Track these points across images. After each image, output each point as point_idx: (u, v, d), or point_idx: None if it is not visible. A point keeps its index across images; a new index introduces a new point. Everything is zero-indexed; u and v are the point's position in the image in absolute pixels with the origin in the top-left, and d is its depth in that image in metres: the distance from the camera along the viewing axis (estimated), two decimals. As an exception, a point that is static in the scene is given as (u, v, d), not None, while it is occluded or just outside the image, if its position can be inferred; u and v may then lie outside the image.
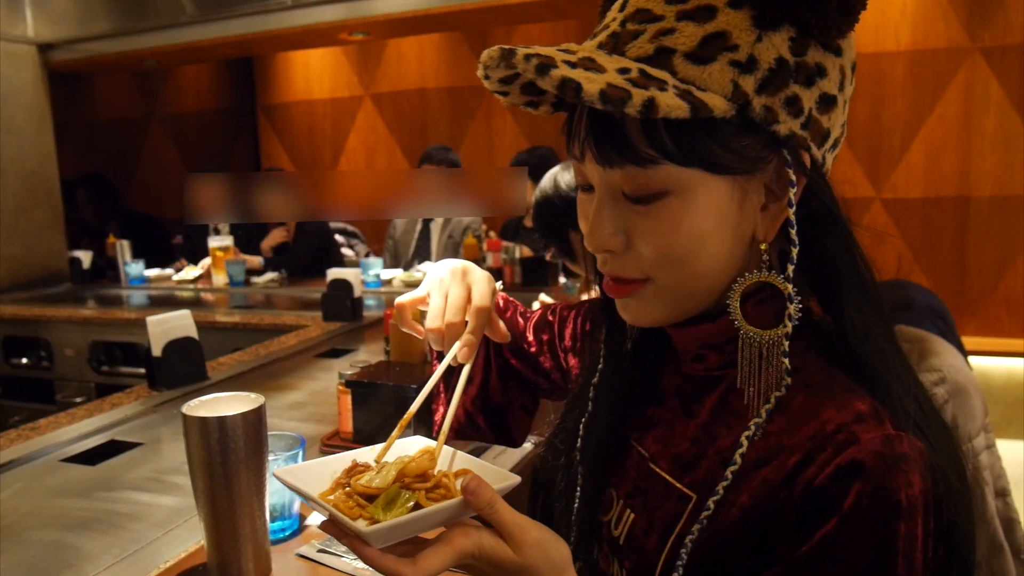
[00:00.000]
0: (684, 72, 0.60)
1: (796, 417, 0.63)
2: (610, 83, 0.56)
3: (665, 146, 0.60)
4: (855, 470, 0.58)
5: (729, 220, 0.64)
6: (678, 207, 0.63)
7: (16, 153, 4.15)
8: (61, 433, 1.69)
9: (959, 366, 1.37)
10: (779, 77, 0.60)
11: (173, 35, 4.08)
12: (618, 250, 0.67)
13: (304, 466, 0.75)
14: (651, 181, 0.62)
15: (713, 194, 0.63)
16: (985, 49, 4.01)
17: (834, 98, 0.64)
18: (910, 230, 4.27)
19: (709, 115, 0.58)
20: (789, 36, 0.60)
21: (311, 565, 1.09)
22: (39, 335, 3.36)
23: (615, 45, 0.63)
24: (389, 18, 3.67)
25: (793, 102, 0.61)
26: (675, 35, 0.60)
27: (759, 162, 0.63)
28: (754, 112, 0.60)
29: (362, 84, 5.80)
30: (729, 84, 0.59)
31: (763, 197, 0.65)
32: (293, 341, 2.57)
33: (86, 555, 1.16)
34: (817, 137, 0.64)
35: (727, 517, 0.64)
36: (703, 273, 0.66)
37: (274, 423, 1.70)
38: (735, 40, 0.60)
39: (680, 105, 0.56)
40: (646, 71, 0.59)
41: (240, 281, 4.06)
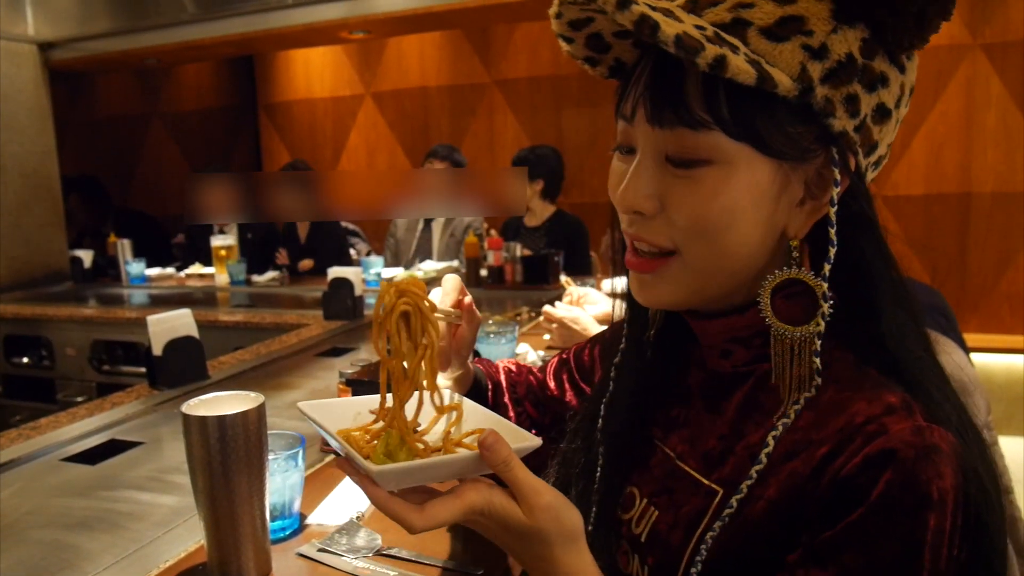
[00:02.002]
0: (756, 45, 0.60)
1: (825, 412, 0.63)
2: (686, 32, 0.56)
3: (721, 113, 0.60)
4: (885, 460, 0.57)
5: (765, 205, 0.64)
6: (719, 178, 0.63)
7: (17, 152, 4.16)
8: (62, 432, 1.69)
9: (962, 363, 1.36)
10: (846, 72, 0.60)
11: (174, 33, 4.08)
12: (650, 213, 0.66)
13: (329, 403, 0.76)
14: (698, 146, 0.62)
15: (756, 174, 0.63)
16: (986, 45, 4.00)
17: (889, 112, 0.64)
18: (911, 227, 4.26)
19: (773, 88, 0.58)
20: (862, 36, 0.61)
21: (311, 564, 1.09)
22: (40, 334, 3.36)
23: (693, 8, 0.63)
24: (390, 16, 3.67)
25: (852, 101, 0.61)
26: (754, 9, 0.61)
27: (807, 153, 0.63)
28: (815, 99, 0.60)
29: (363, 82, 5.80)
30: (798, 65, 0.60)
31: (801, 192, 0.65)
32: (294, 340, 2.57)
33: (86, 554, 1.16)
34: (866, 145, 0.64)
35: (752, 510, 0.63)
36: (730, 253, 0.65)
37: (274, 422, 1.70)
38: (811, 26, 0.60)
39: (748, 70, 0.57)
40: (720, 34, 0.59)
41: (241, 280, 4.06)
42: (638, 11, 0.56)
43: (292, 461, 1.14)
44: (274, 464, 1.10)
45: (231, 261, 4.13)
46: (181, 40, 4.08)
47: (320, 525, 1.20)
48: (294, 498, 1.17)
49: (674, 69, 0.61)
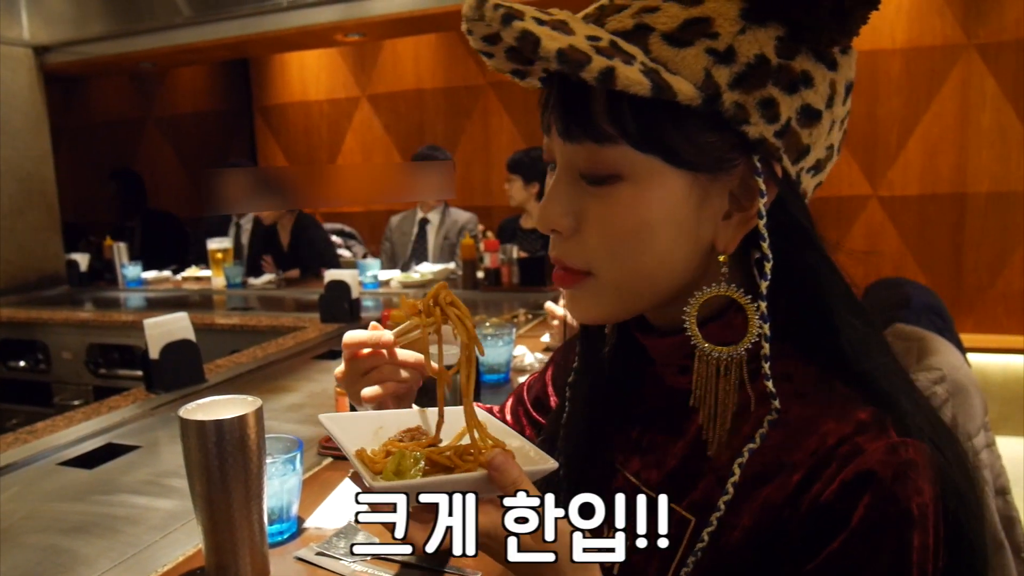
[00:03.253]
0: (658, 52, 0.57)
1: (794, 430, 0.60)
2: (573, 45, 0.54)
3: (626, 125, 0.58)
4: (862, 483, 0.55)
5: (684, 220, 0.61)
6: (629, 194, 0.60)
7: (12, 156, 4.15)
8: (58, 436, 1.69)
9: (958, 364, 1.37)
10: (757, 75, 0.57)
11: (169, 37, 4.07)
12: (566, 232, 0.64)
13: (351, 416, 0.75)
14: (607, 161, 0.60)
15: (668, 187, 0.60)
16: (981, 46, 4.01)
17: (819, 113, 0.60)
18: (907, 227, 4.27)
19: (673, 98, 0.55)
20: (777, 35, 0.57)
21: (309, 568, 1.09)
22: (36, 338, 3.35)
23: (598, 17, 0.61)
24: (385, 19, 3.67)
25: (769, 105, 0.58)
26: (657, 13, 0.58)
27: (724, 163, 0.60)
28: (723, 106, 0.57)
29: (358, 85, 5.80)
30: (702, 71, 0.57)
31: (726, 204, 0.62)
32: (291, 343, 2.57)
33: (83, 559, 1.15)
34: (793, 150, 0.60)
35: (729, 539, 0.61)
36: (648, 272, 0.63)
37: (272, 425, 1.70)
38: (717, 28, 0.57)
39: (641, 81, 0.54)
40: (617, 43, 0.57)
41: (237, 283, 4.06)
42: (519, 27, 0.54)
43: (290, 465, 1.14)
44: (272, 468, 1.10)
45: (227, 264, 4.12)
46: (176, 43, 4.07)
47: (318, 529, 1.20)
48: (292, 502, 1.17)
49: (581, 81, 0.57)
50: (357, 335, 0.83)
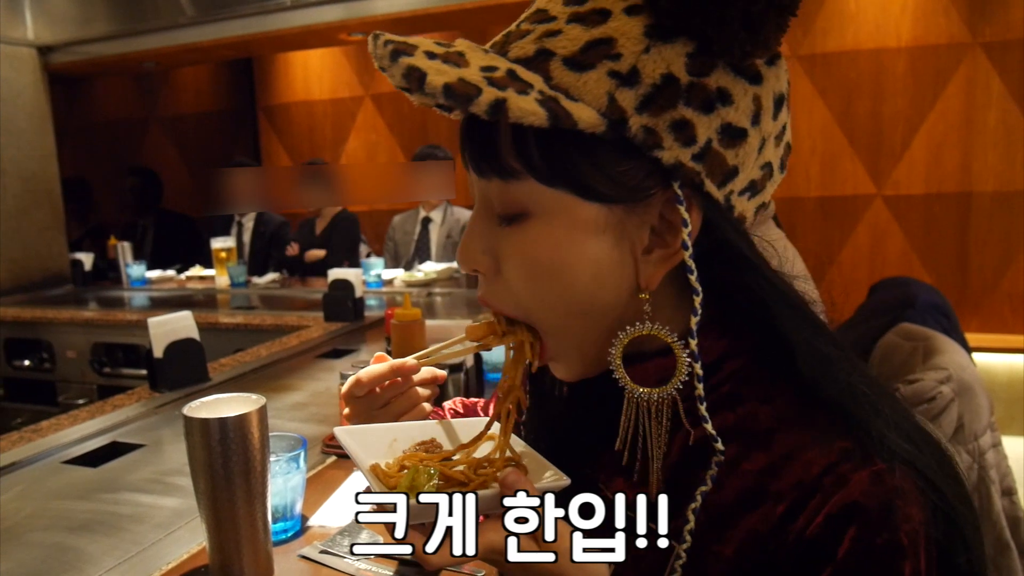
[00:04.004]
0: (559, 78, 0.54)
1: (777, 456, 0.58)
2: (462, 78, 0.51)
3: (532, 159, 0.55)
4: (848, 515, 0.53)
5: (603, 257, 0.58)
6: (540, 232, 0.58)
7: (16, 155, 4.16)
8: (63, 435, 1.69)
9: (965, 364, 1.36)
10: (665, 96, 0.53)
11: (172, 36, 4.08)
12: (487, 272, 0.62)
13: (365, 429, 0.74)
14: (515, 198, 0.58)
15: (580, 223, 0.57)
16: (986, 44, 4.00)
17: (743, 131, 0.56)
18: (912, 227, 4.26)
19: (573, 126, 0.52)
20: (686, 52, 0.53)
21: (313, 566, 1.09)
22: (41, 337, 3.36)
23: (503, 44, 0.58)
24: (388, 18, 3.67)
25: (682, 127, 0.54)
26: (559, 37, 0.55)
27: (639, 193, 0.56)
28: (631, 132, 0.53)
29: (362, 84, 5.80)
30: (605, 96, 0.53)
31: (646, 239, 0.58)
32: (294, 342, 2.57)
33: (88, 557, 1.16)
34: (717, 173, 0.56)
35: (712, 570, 0.58)
36: (580, 312, 0.60)
37: (276, 424, 1.70)
38: (619, 48, 0.53)
39: (536, 112, 0.51)
40: (516, 72, 0.54)
41: (241, 282, 4.06)
42: (405, 63, 0.52)
43: (294, 463, 1.14)
44: (276, 466, 1.10)
45: (231, 263, 4.13)
46: (179, 43, 4.08)
47: (322, 527, 1.20)
48: (296, 500, 1.17)
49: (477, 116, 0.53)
50: (375, 370, 0.81)
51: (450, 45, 0.57)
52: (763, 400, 0.60)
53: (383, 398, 0.83)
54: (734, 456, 0.59)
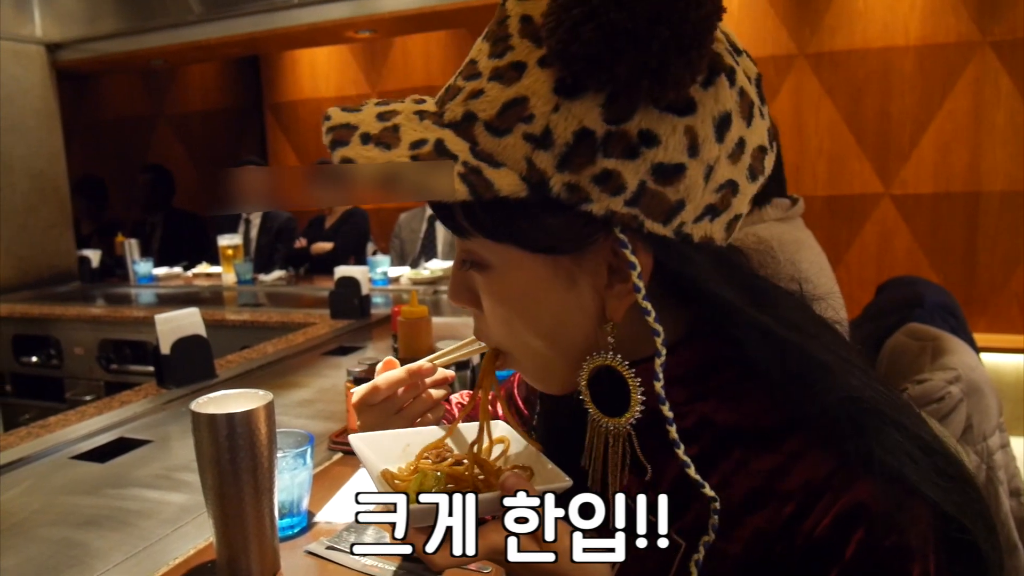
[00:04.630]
0: (484, 144, 0.55)
1: (786, 456, 0.58)
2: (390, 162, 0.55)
3: (479, 219, 0.58)
4: (855, 516, 0.53)
5: (562, 300, 0.60)
6: (501, 281, 0.61)
7: (25, 153, 4.17)
8: (71, 431, 1.70)
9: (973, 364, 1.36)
10: (582, 152, 0.52)
11: (180, 34, 4.09)
12: (473, 308, 0.66)
13: (379, 435, 0.76)
14: (473, 250, 0.61)
15: (532, 273, 0.59)
16: (995, 43, 3.98)
17: (679, 167, 0.53)
18: (920, 226, 4.24)
19: (495, 196, 0.52)
20: (598, 103, 0.52)
21: (320, 562, 1.09)
22: (49, 333, 3.37)
23: (442, 102, 0.60)
24: (395, 15, 3.67)
25: (607, 178, 0.53)
26: (481, 98, 0.55)
27: (581, 241, 0.57)
28: (553, 191, 0.53)
29: (368, 82, 5.80)
30: (523, 161, 0.53)
31: (605, 277, 0.59)
32: (301, 339, 2.57)
33: (95, 552, 1.16)
34: (658, 212, 0.54)
35: (718, 569, 0.59)
36: (552, 346, 0.63)
37: (282, 420, 1.70)
38: (531, 109, 0.53)
39: (459, 188, 0.52)
40: (444, 144, 0.55)
41: (248, 279, 4.07)
42: (340, 154, 0.56)
43: (300, 459, 1.14)
44: (283, 462, 1.10)
45: (238, 260, 4.14)
46: (187, 40, 4.09)
47: (328, 523, 1.20)
48: (302, 496, 1.17)
49: None
50: (392, 376, 0.82)
51: (394, 113, 0.58)
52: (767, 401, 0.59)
53: (398, 403, 0.83)
54: (742, 456, 0.59)
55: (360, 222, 4.88)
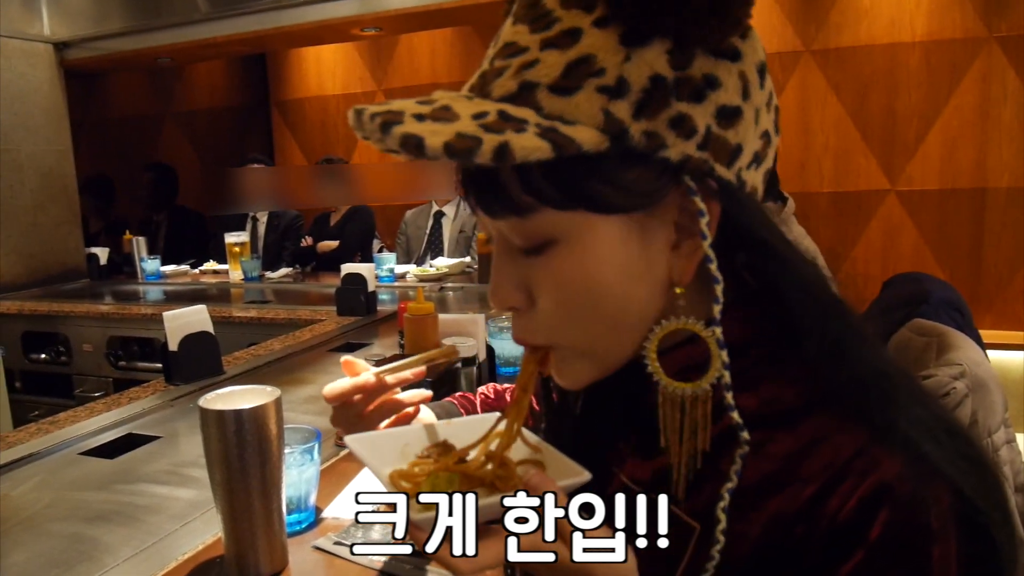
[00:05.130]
0: (550, 107, 0.54)
1: (805, 439, 0.58)
2: (459, 132, 0.51)
3: (542, 190, 0.55)
4: (879, 497, 0.53)
5: (631, 264, 0.59)
6: (569, 255, 0.58)
7: (33, 151, 4.19)
8: (80, 427, 1.71)
9: (979, 360, 1.35)
10: (657, 97, 0.54)
11: (187, 32, 4.10)
12: (522, 307, 0.62)
13: (376, 436, 0.74)
14: (536, 230, 0.58)
15: (605, 238, 0.57)
16: (1002, 39, 3.96)
17: (737, 109, 0.57)
18: (926, 222, 4.23)
19: (578, 151, 0.52)
20: (666, 49, 0.54)
21: (327, 557, 1.10)
22: (57, 330, 3.39)
23: (482, 86, 0.58)
24: (401, 13, 3.68)
25: (681, 121, 0.54)
26: (538, 67, 0.55)
27: (654, 195, 0.57)
28: (633, 140, 0.54)
29: (375, 79, 5.81)
30: (600, 113, 0.53)
31: (673, 235, 0.59)
32: (308, 335, 2.58)
33: (105, 547, 1.17)
34: (723, 155, 0.57)
35: (737, 551, 0.58)
36: (613, 324, 0.60)
37: (290, 416, 1.71)
38: (601, 63, 0.54)
39: (540, 146, 0.51)
40: (506, 112, 0.54)
41: (255, 276, 4.09)
42: (399, 132, 0.51)
43: (308, 455, 1.15)
44: (290, 458, 1.11)
45: (244, 257, 4.15)
46: (194, 38, 4.10)
47: (336, 518, 1.21)
48: (310, 491, 1.18)
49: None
50: (337, 387, 0.84)
51: (432, 100, 0.56)
52: (788, 383, 0.60)
53: (356, 409, 0.85)
54: (759, 439, 0.59)
55: (366, 219, 4.89)
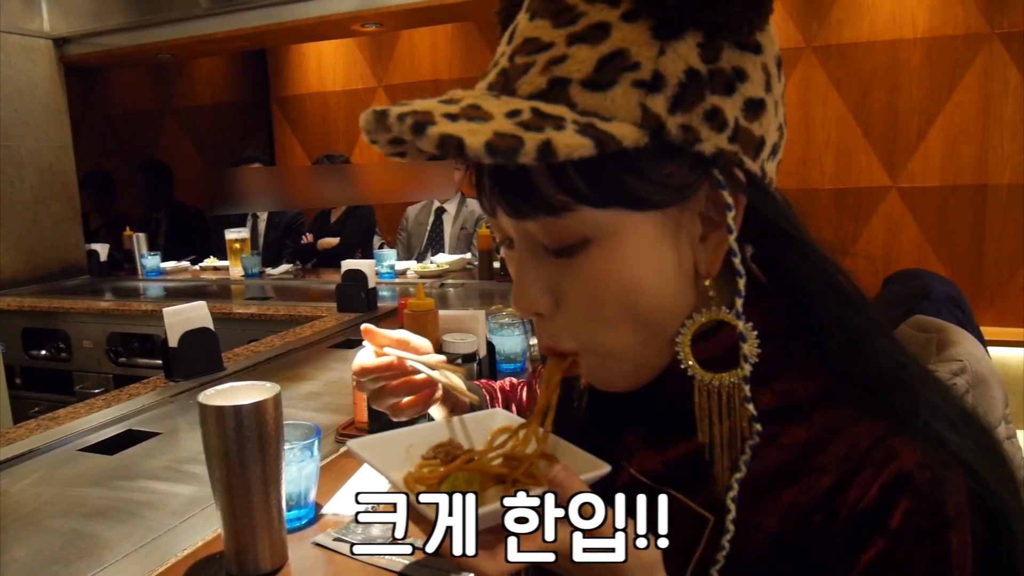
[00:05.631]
0: (584, 103, 0.53)
1: (821, 430, 0.58)
2: (497, 131, 0.49)
3: (578, 188, 0.54)
4: (899, 486, 0.54)
5: (666, 260, 0.58)
6: (604, 255, 0.57)
7: (34, 147, 4.19)
8: (80, 423, 1.71)
9: (979, 355, 1.35)
10: (692, 90, 0.53)
11: (187, 28, 4.09)
12: (548, 312, 0.61)
13: (379, 439, 0.72)
14: (569, 230, 0.56)
15: (641, 234, 0.57)
16: (1004, 35, 3.95)
17: (762, 101, 0.57)
18: (927, 219, 4.23)
19: (618, 147, 0.51)
20: (697, 42, 0.53)
21: (327, 554, 1.10)
22: (58, 327, 3.39)
23: (505, 84, 0.56)
24: (402, 9, 3.67)
25: (714, 115, 0.54)
26: (568, 62, 0.53)
27: (688, 189, 0.56)
28: (671, 135, 0.53)
29: (375, 76, 5.80)
30: (637, 108, 0.53)
31: (700, 227, 0.59)
32: (308, 332, 2.58)
33: (104, 543, 1.17)
34: (750, 148, 0.57)
35: (753, 543, 0.58)
36: (649, 324, 0.60)
37: (290, 413, 1.71)
38: (635, 57, 0.53)
39: (582, 143, 0.49)
40: (540, 109, 0.52)
41: (255, 273, 4.09)
42: (435, 133, 0.48)
43: (308, 451, 1.15)
44: (290, 454, 1.10)
45: (245, 254, 4.15)
46: (194, 34, 4.09)
47: (336, 515, 1.21)
48: (310, 488, 1.18)
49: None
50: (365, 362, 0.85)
51: (455, 99, 0.54)
52: (802, 376, 0.60)
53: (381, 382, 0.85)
54: (772, 431, 0.59)
55: (366, 216, 4.89)
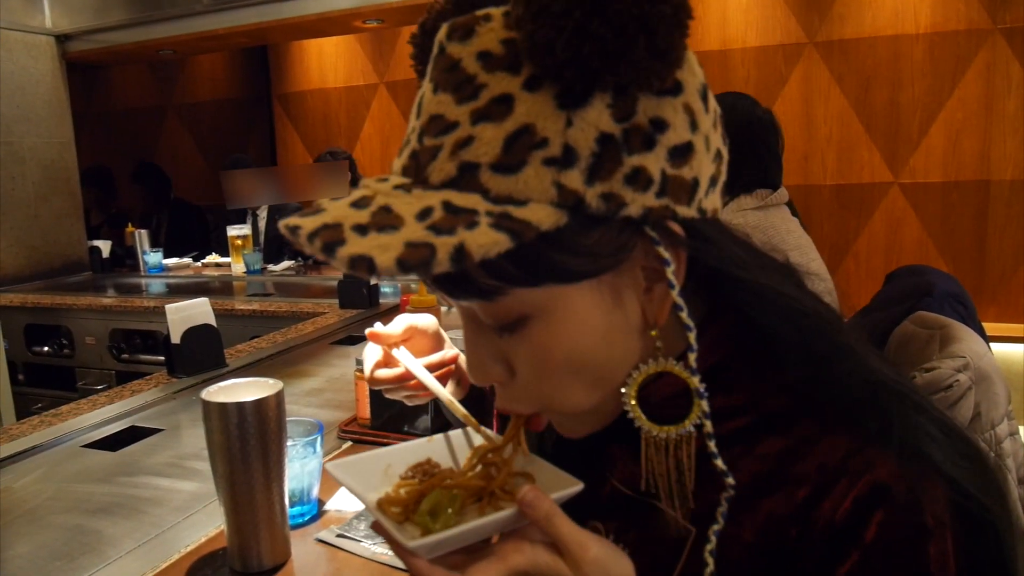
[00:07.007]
0: (496, 188, 0.50)
1: (796, 440, 0.58)
2: (408, 241, 0.47)
3: (506, 272, 0.52)
4: (874, 498, 0.53)
5: (611, 320, 0.57)
6: (546, 328, 0.56)
7: (36, 143, 4.19)
8: (82, 419, 1.71)
9: (982, 352, 1.35)
10: (608, 157, 0.50)
11: (189, 24, 4.09)
12: (503, 380, 0.61)
13: (358, 460, 0.71)
14: (507, 309, 0.55)
15: (579, 305, 0.55)
16: (1006, 30, 3.94)
17: (688, 145, 0.54)
18: (929, 215, 4.22)
19: (536, 234, 0.49)
20: (606, 104, 0.50)
21: (330, 550, 1.10)
22: (60, 323, 3.40)
23: (417, 169, 0.53)
24: (403, 5, 3.67)
25: (636, 176, 0.51)
26: (475, 144, 0.51)
27: (621, 252, 0.54)
28: (591, 207, 0.51)
29: (377, 72, 5.80)
30: (551, 187, 0.50)
31: (642, 281, 0.57)
32: (310, 328, 2.59)
33: (108, 539, 1.17)
34: (682, 195, 0.54)
35: (730, 554, 0.58)
36: (600, 382, 0.60)
37: (292, 409, 1.71)
38: (542, 133, 0.50)
39: (497, 239, 0.47)
40: (452, 203, 0.49)
41: (257, 269, 4.09)
42: (345, 254, 0.46)
43: (310, 448, 1.15)
44: (293, 450, 1.11)
45: (247, 250, 4.15)
46: (196, 31, 4.09)
47: (338, 511, 1.21)
48: (312, 484, 1.18)
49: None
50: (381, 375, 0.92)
51: (368, 198, 0.52)
52: (775, 390, 0.60)
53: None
54: (747, 443, 0.59)
55: None
